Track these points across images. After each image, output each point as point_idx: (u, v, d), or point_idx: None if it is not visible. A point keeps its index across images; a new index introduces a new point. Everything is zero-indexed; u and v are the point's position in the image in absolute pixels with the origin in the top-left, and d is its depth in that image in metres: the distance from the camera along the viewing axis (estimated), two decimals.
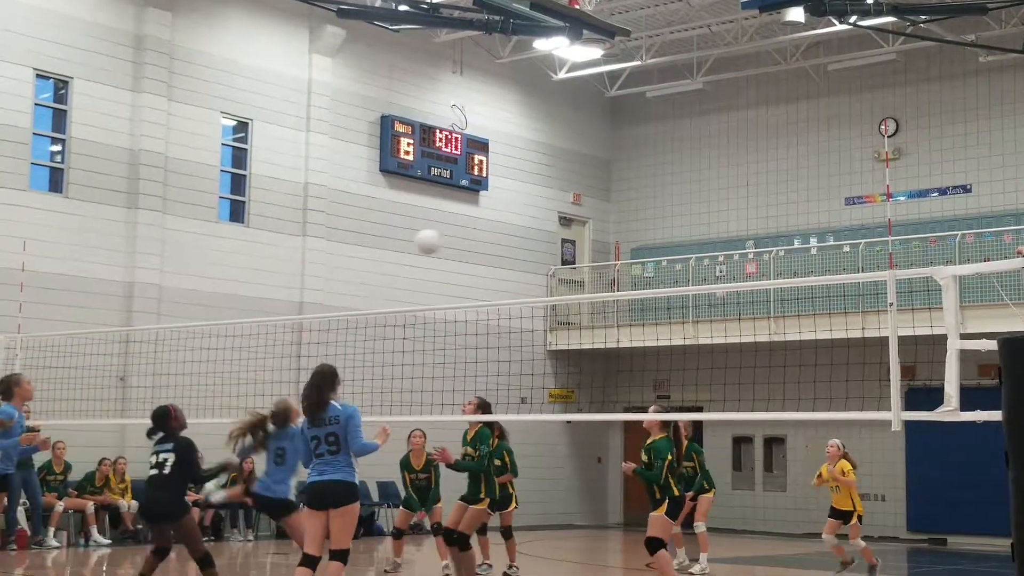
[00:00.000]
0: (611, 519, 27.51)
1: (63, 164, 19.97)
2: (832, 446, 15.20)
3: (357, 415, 9.68)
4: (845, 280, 21.19)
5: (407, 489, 15.05)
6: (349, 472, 9.56)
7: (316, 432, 9.62)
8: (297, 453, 10.92)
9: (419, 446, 14.86)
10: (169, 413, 10.94)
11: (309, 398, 9.69)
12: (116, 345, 19.21)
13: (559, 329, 26.32)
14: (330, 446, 9.52)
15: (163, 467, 10.63)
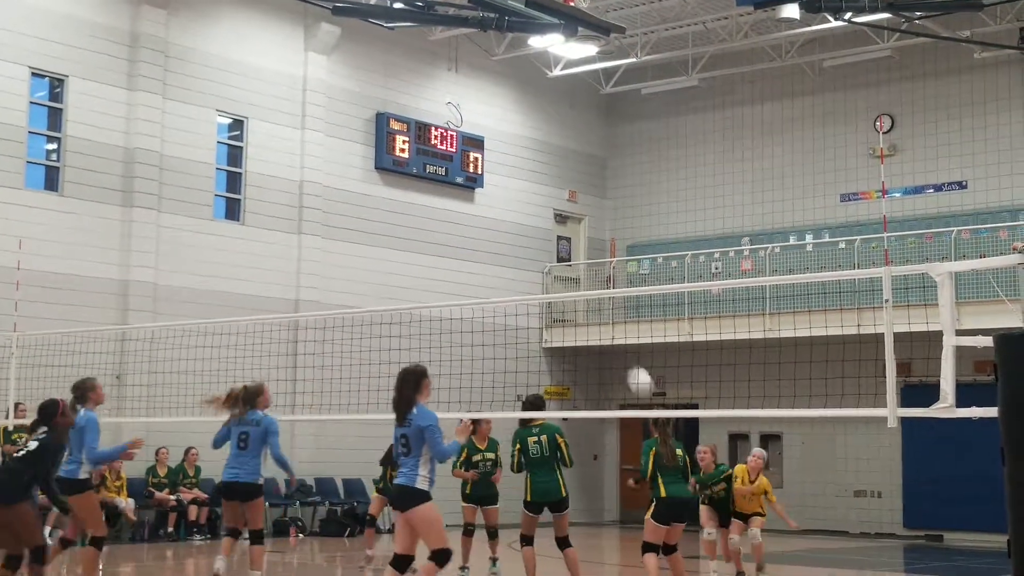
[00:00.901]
0: (607, 516, 27.53)
1: (59, 162, 19.95)
2: (759, 456, 14.70)
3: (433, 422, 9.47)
4: (840, 277, 21.21)
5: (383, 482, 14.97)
6: (412, 476, 9.31)
7: (396, 431, 9.56)
8: (260, 439, 10.94)
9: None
10: (58, 408, 10.72)
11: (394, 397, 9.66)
12: (112, 343, 19.18)
13: (555, 326, 26.32)
14: (403, 448, 9.42)
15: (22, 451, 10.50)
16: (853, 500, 24.25)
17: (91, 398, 11.75)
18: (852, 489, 24.24)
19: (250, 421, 11.62)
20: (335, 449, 22.16)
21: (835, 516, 24.35)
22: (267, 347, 18.33)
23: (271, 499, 21.32)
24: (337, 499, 22.13)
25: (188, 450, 19.98)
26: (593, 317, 26.15)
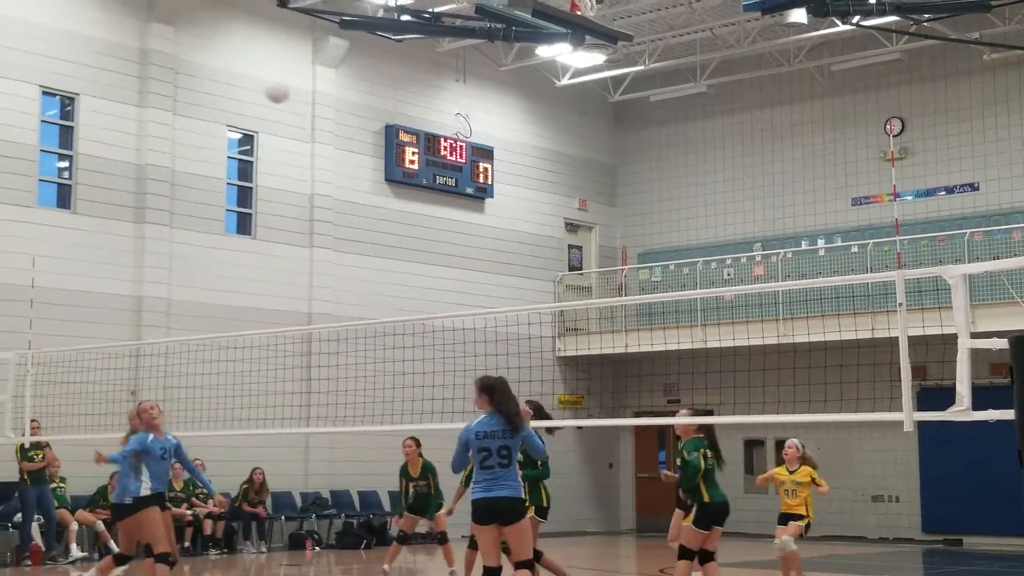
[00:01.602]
0: (623, 525, 27.48)
1: (70, 180, 20.02)
2: (791, 447, 14.41)
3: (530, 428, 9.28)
4: (853, 281, 21.16)
5: (404, 497, 15.00)
6: (517, 487, 9.03)
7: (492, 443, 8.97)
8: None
9: (413, 454, 14.88)
10: None
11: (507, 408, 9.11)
12: (126, 359, 19.22)
13: (568, 335, 26.30)
14: (503, 459, 8.96)
15: None
16: (871, 505, 24.17)
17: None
18: (870, 494, 24.16)
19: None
20: (350, 461, 22.17)
21: (853, 522, 24.27)
22: (281, 360, 18.38)
23: (287, 512, 21.36)
24: (353, 511, 22.13)
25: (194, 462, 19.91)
26: (606, 325, 26.12)
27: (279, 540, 21.18)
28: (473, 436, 9.04)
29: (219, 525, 19.90)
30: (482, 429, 9.06)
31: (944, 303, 10.09)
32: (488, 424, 9.06)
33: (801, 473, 14.08)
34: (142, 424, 11.60)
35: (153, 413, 11.57)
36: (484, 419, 9.10)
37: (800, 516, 14.03)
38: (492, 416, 9.07)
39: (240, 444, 20.01)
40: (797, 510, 14.11)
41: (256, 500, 20.46)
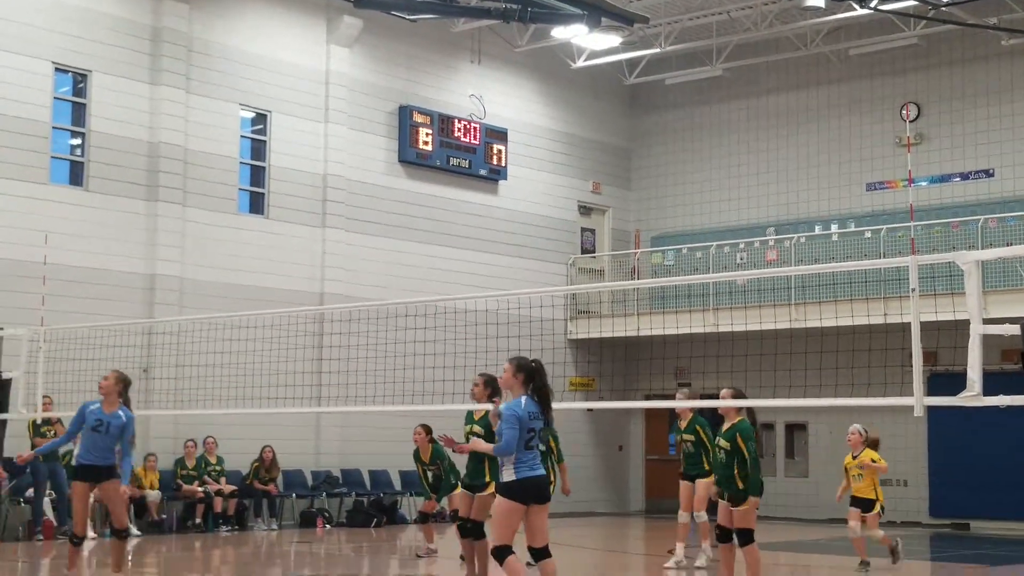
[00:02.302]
0: (632, 506, 27.52)
1: (83, 157, 20.05)
2: (854, 432, 14.81)
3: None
4: (866, 266, 21.11)
5: (422, 480, 15.22)
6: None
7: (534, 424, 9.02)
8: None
9: (422, 441, 14.97)
10: None
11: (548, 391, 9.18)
12: (139, 337, 19.29)
13: (579, 318, 26.30)
14: (539, 441, 9.13)
15: None
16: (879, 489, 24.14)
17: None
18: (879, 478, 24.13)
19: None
20: (361, 441, 22.22)
21: None
22: (293, 340, 18.42)
23: (298, 490, 21.45)
24: (363, 490, 22.20)
25: (205, 439, 20.06)
26: (618, 308, 26.11)
27: (290, 518, 21.26)
28: (527, 417, 8.97)
29: (231, 502, 19.99)
30: (531, 409, 9.03)
31: (956, 289, 10.06)
32: (531, 406, 9.04)
33: (864, 458, 14.44)
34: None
35: (102, 383, 11.30)
36: (526, 401, 9.03)
37: (870, 500, 14.44)
38: (529, 399, 9.05)
39: (252, 422, 20.08)
40: (866, 494, 14.53)
41: (267, 478, 20.53)
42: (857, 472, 14.50)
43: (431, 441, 14.83)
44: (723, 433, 11.55)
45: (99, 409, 11.15)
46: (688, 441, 14.65)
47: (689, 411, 14.58)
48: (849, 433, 14.77)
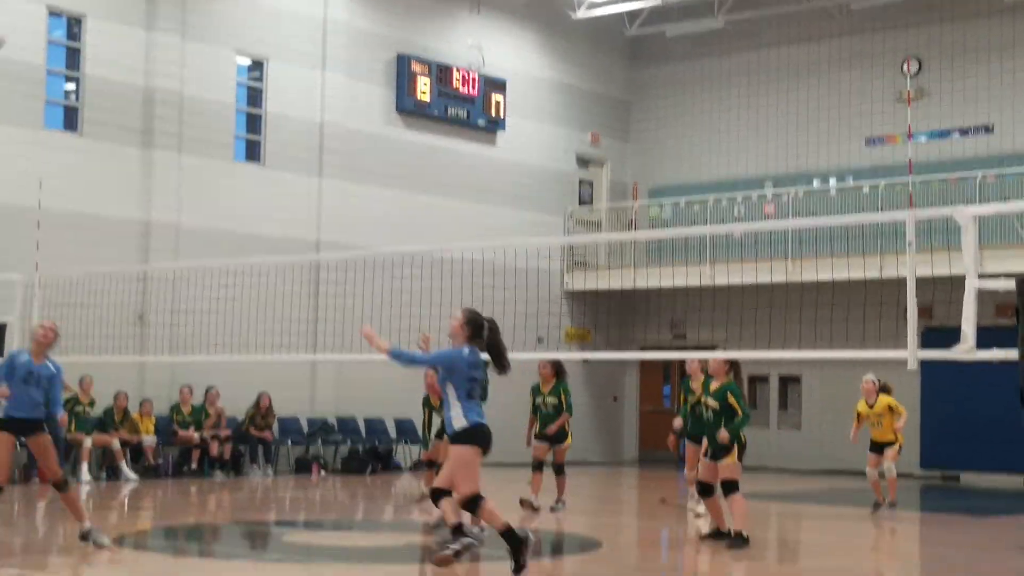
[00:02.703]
0: (626, 456, 27.68)
1: (77, 103, 19.96)
2: (867, 382, 15.04)
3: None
4: (864, 220, 21.09)
5: (426, 428, 15.06)
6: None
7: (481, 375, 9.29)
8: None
9: (433, 385, 14.90)
10: None
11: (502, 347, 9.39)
12: (134, 284, 19.30)
13: (576, 269, 26.32)
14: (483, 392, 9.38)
15: None
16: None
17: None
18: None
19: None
20: (356, 388, 22.28)
21: (853, 457, 24.29)
22: (289, 288, 18.42)
23: (294, 437, 21.55)
24: (358, 437, 22.31)
25: (208, 391, 20.12)
26: (614, 260, 26.12)
27: (285, 464, 21.37)
28: (465, 365, 9.09)
29: (226, 448, 20.08)
30: (471, 360, 9.15)
31: (953, 244, 10.07)
32: (473, 356, 9.17)
33: (880, 405, 14.94)
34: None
35: (44, 333, 10.92)
36: (468, 351, 9.18)
37: (890, 443, 14.98)
38: (473, 350, 9.20)
39: (247, 370, 20.10)
40: (886, 438, 15.06)
41: (263, 425, 20.61)
42: (875, 419, 14.93)
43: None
44: (713, 393, 11.84)
45: (29, 360, 10.78)
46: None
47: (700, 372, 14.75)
48: (863, 382, 15.10)
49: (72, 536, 12.45)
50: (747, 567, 11.26)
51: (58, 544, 12.05)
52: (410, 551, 11.38)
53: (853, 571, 10.87)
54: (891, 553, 12.68)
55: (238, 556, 11.25)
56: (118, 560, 10.71)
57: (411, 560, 10.71)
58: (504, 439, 15.16)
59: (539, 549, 12.26)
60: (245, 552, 11.75)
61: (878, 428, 15.10)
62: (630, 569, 10.73)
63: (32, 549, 11.46)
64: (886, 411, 14.96)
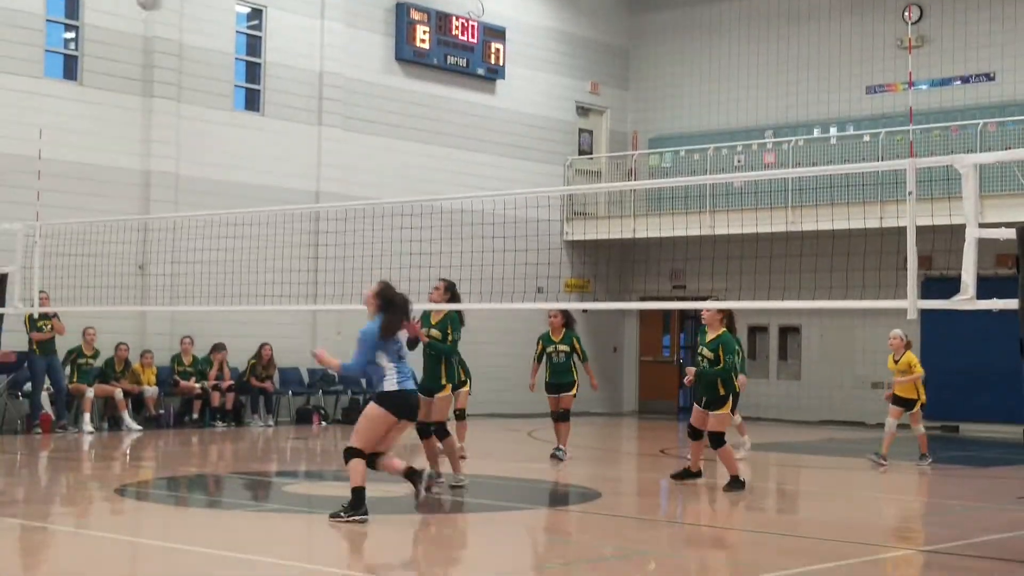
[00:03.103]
0: (626, 407, 27.77)
1: (77, 51, 19.86)
2: (895, 337, 15.20)
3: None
4: (864, 169, 21.05)
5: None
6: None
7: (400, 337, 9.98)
8: None
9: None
10: None
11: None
12: (134, 233, 19.30)
13: (576, 219, 26.29)
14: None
15: None
16: (870, 392, 24.37)
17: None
18: (870, 381, 24.35)
19: None
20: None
21: (852, 408, 24.53)
22: (289, 238, 18.43)
23: (294, 388, 21.61)
24: (359, 388, 22.37)
25: (214, 348, 20.19)
26: (614, 210, 26.08)
27: (286, 414, 21.45)
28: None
29: (228, 398, 20.15)
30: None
31: (953, 193, 10.05)
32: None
33: (904, 362, 15.09)
34: None
35: None
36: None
37: (912, 400, 15.16)
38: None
39: (248, 320, 20.17)
40: (908, 394, 15.20)
41: (264, 375, 20.67)
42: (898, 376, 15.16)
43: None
44: (707, 343, 12.21)
45: None
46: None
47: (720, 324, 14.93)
48: (891, 338, 15.34)
49: (74, 487, 12.53)
50: (747, 517, 11.34)
51: (60, 494, 12.12)
52: (410, 501, 11.43)
53: (852, 521, 10.94)
54: (889, 503, 12.76)
55: (239, 506, 11.32)
56: (120, 510, 10.78)
57: (411, 510, 10.78)
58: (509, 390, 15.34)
59: (540, 499, 12.35)
60: (246, 502, 11.82)
61: (902, 384, 15.24)
62: (630, 519, 10.80)
63: (33, 499, 11.53)
64: (908, 369, 15.10)
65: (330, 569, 8.07)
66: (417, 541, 9.55)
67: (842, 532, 9.91)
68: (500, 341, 23.41)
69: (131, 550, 8.76)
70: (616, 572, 8.10)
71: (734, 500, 11.86)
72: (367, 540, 9.30)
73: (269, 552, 8.56)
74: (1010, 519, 11.00)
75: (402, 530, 9.81)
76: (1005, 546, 9.31)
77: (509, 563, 8.42)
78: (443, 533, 9.94)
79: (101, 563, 8.10)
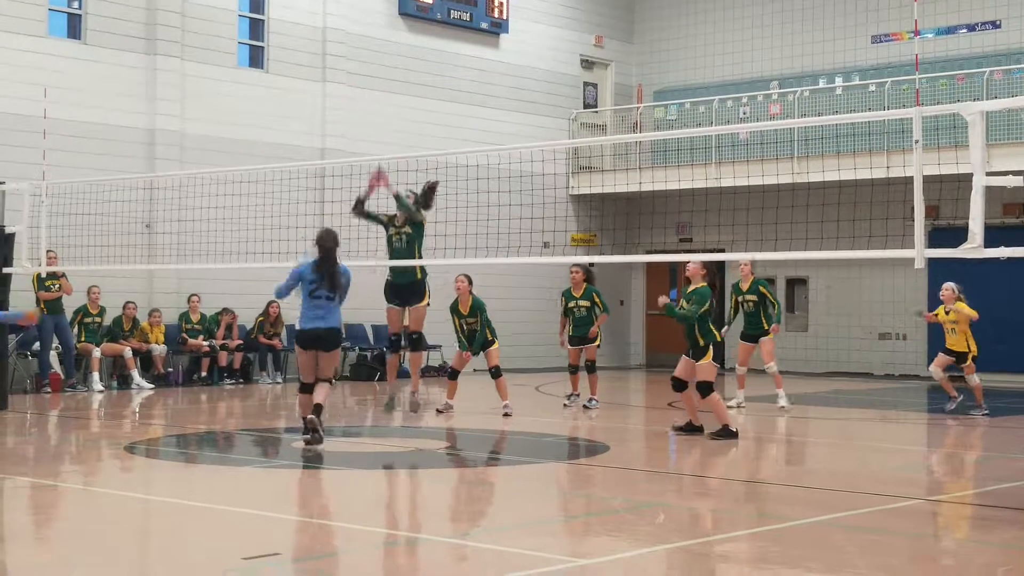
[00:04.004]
0: (633, 360, 27.82)
1: (80, 10, 19.78)
2: (947, 288, 15.29)
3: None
4: (870, 118, 20.92)
5: (457, 333, 15.22)
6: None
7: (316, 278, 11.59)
8: None
9: (464, 291, 15.01)
10: None
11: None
12: (140, 192, 19.31)
13: (581, 173, 26.23)
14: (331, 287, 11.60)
15: None
16: (878, 343, 24.42)
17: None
18: (877, 332, 24.38)
19: None
20: (364, 296, 22.26)
21: (860, 358, 24.56)
22: (294, 195, 18.39)
23: None
24: (367, 345, 22.42)
25: (223, 311, 20.23)
26: (620, 163, 26.02)
27: (294, 372, 21.49)
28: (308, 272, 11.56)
29: (236, 356, 20.21)
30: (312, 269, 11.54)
31: (960, 142, 10.01)
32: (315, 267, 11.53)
33: (955, 312, 15.20)
34: None
35: None
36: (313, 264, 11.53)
37: (963, 353, 15.35)
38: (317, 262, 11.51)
39: (254, 278, 20.16)
40: (959, 347, 15.41)
41: (272, 332, 20.71)
42: (952, 327, 15.25)
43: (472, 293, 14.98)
44: (686, 294, 12.93)
45: None
46: (750, 301, 15.86)
47: (751, 273, 15.48)
48: (943, 289, 15.42)
49: (84, 445, 12.60)
50: (755, 466, 11.39)
51: (70, 452, 12.19)
52: (418, 456, 11.50)
53: (861, 471, 10.98)
54: (899, 454, 12.80)
55: (249, 463, 11.39)
56: (129, 467, 10.85)
57: (420, 465, 10.82)
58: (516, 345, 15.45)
59: (549, 453, 12.40)
60: (256, 458, 11.89)
61: (952, 335, 15.34)
62: (639, 472, 10.85)
63: (43, 458, 11.60)
64: (962, 319, 15.11)
65: (339, 524, 8.12)
66: (424, 496, 9.61)
67: (851, 482, 9.95)
68: (507, 296, 23.41)
69: (141, 506, 8.82)
70: (626, 524, 8.15)
71: (743, 452, 11.91)
72: (376, 495, 9.34)
73: (279, 508, 8.61)
74: (1021, 468, 11.03)
75: (409, 485, 9.86)
76: (1018, 495, 9.35)
77: (518, 517, 8.47)
78: (450, 488, 9.99)
79: (111, 520, 8.16)
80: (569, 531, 7.98)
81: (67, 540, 7.49)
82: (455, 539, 7.65)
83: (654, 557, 7.00)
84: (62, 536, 7.71)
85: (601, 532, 7.91)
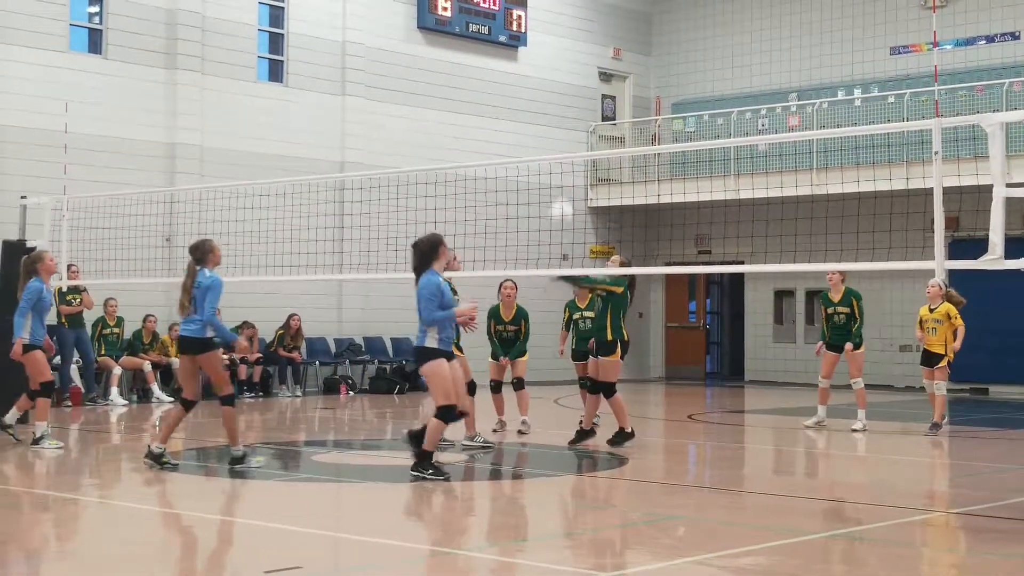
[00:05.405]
0: (653, 373, 27.78)
1: (101, 25, 19.90)
2: (933, 285, 14.39)
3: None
4: (889, 129, 20.91)
5: (492, 338, 14.80)
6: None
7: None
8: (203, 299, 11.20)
9: (510, 297, 14.68)
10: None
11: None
12: (160, 205, 19.39)
13: (600, 185, 26.24)
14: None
15: None
16: (898, 355, 24.31)
17: (40, 269, 12.36)
18: (898, 344, 24.28)
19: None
20: (383, 308, 22.39)
21: (880, 371, 24.44)
22: (313, 208, 18.47)
23: (321, 358, 21.72)
24: (385, 357, 22.46)
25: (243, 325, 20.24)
26: (638, 175, 26.02)
27: (313, 384, 21.56)
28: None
29: (256, 369, 20.26)
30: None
31: (980, 154, 9.99)
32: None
33: (940, 311, 14.47)
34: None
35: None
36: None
37: (939, 355, 14.55)
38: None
39: (274, 291, 20.27)
40: (936, 348, 14.56)
41: (291, 345, 20.76)
42: (932, 325, 14.53)
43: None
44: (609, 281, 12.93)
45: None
46: (842, 313, 15.23)
47: (840, 283, 15.01)
48: (929, 286, 14.66)
49: (104, 459, 12.64)
50: (775, 481, 11.34)
51: (90, 466, 12.22)
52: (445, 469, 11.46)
53: (881, 484, 10.94)
54: (916, 467, 12.74)
55: (269, 476, 11.40)
56: (150, 481, 10.87)
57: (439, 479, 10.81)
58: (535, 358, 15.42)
59: (569, 465, 12.39)
60: (276, 472, 11.90)
61: (932, 335, 14.52)
62: (658, 485, 10.83)
63: (64, 471, 11.64)
64: (945, 319, 14.50)
65: (360, 538, 8.13)
66: (445, 509, 9.60)
67: (871, 495, 9.91)
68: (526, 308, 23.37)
69: (163, 520, 8.84)
70: (646, 537, 8.13)
71: (764, 464, 11.86)
72: (395, 509, 9.35)
73: (300, 521, 8.62)
74: None
75: (430, 498, 9.86)
76: None
77: (539, 529, 8.46)
78: (471, 500, 9.98)
79: (133, 534, 8.18)
80: (590, 544, 7.97)
81: (89, 554, 7.51)
82: (474, 552, 7.65)
83: (675, 570, 6.98)
84: (84, 550, 7.73)
85: (621, 545, 7.90)
